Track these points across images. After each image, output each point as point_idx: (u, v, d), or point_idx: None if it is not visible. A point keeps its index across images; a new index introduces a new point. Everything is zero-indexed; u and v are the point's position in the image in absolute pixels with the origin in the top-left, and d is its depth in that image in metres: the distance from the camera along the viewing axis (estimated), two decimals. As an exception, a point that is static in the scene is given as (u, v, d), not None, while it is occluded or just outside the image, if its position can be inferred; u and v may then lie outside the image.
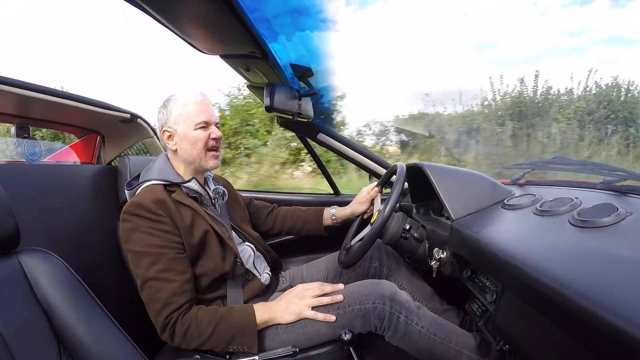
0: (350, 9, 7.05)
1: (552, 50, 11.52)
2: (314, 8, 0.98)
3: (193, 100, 0.97)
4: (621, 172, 0.80)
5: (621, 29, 12.33)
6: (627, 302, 0.40)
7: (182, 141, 0.97)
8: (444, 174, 0.98)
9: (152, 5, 0.75)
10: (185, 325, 0.83)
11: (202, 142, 0.97)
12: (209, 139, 0.98)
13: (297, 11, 0.96)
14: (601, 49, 11.33)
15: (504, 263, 0.61)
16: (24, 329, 0.60)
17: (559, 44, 11.46)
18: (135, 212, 0.88)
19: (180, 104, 0.97)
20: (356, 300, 0.89)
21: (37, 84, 1.01)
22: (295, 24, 1.01)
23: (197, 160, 0.98)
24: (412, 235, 1.08)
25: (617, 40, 11.67)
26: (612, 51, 11.07)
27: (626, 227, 0.56)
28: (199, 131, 0.96)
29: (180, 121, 0.96)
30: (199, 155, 0.97)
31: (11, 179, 0.94)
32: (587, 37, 11.97)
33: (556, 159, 1.09)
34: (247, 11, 0.77)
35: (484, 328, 0.87)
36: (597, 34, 12.08)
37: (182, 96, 0.98)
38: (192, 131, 0.96)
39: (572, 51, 11.31)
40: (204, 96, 0.99)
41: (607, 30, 11.79)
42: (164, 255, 0.85)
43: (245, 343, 0.84)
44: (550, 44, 11.86)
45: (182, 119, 0.96)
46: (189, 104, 0.97)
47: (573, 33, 12.51)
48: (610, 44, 11.57)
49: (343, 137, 1.55)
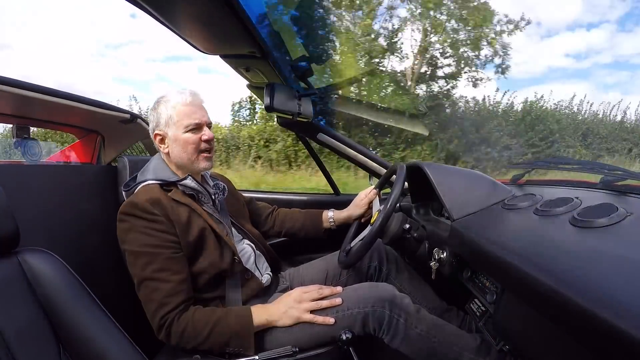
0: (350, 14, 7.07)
1: (556, 72, 11.62)
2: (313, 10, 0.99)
3: (182, 101, 0.95)
4: (621, 172, 0.80)
5: (627, 53, 12.44)
6: (627, 302, 0.40)
7: (173, 144, 0.96)
8: (444, 174, 0.97)
9: (153, 5, 0.75)
10: (181, 327, 0.82)
11: (193, 145, 0.95)
12: (201, 142, 0.96)
13: (297, 12, 0.96)
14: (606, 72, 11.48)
15: (504, 263, 0.61)
16: (24, 329, 0.60)
17: (564, 66, 11.58)
18: (131, 212, 0.88)
19: (170, 105, 0.94)
20: (355, 303, 0.89)
21: (37, 84, 1.01)
22: (295, 24, 1.01)
23: (188, 163, 0.97)
24: (412, 235, 1.07)
25: (622, 65, 11.76)
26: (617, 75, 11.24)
27: (626, 227, 0.56)
28: (189, 134, 0.94)
29: (170, 124, 0.94)
30: (190, 158, 0.96)
31: (11, 179, 0.94)
32: (591, 60, 12.07)
33: (556, 159, 1.09)
34: (247, 11, 0.77)
35: (484, 328, 0.87)
36: (602, 58, 12.16)
37: (171, 97, 0.95)
38: (183, 134, 0.94)
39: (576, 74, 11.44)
40: (194, 96, 0.97)
41: (611, 54, 11.91)
42: (160, 255, 0.85)
43: (241, 345, 0.84)
44: (554, 66, 11.96)
45: (172, 122, 0.94)
46: (179, 105, 0.94)
47: (578, 57, 12.64)
48: (615, 68, 11.68)
49: (343, 137, 1.55)
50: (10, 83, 0.94)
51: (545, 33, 11.67)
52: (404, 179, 1.03)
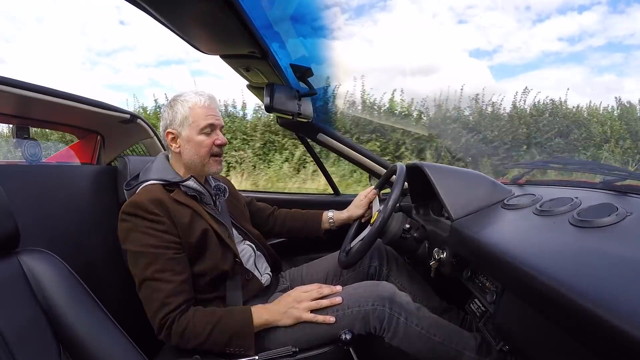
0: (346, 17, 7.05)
1: (550, 56, 11.56)
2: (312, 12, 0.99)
3: (201, 103, 0.95)
4: (621, 172, 0.80)
5: (620, 34, 12.41)
6: (627, 302, 0.40)
7: (186, 145, 0.96)
8: (444, 174, 0.98)
9: (153, 5, 0.75)
10: (182, 327, 0.82)
11: (206, 148, 0.96)
12: (213, 145, 0.97)
13: (297, 13, 0.97)
14: (600, 55, 11.39)
15: (504, 263, 0.61)
16: (24, 329, 0.60)
17: (557, 50, 11.52)
18: (133, 211, 0.88)
19: (187, 106, 0.95)
20: (355, 302, 0.89)
21: (37, 85, 1.01)
22: (295, 24, 1.01)
23: (199, 165, 0.98)
24: (412, 235, 1.08)
25: (616, 46, 11.72)
26: (611, 57, 11.17)
27: (626, 227, 0.56)
28: (203, 136, 0.95)
29: (185, 124, 0.95)
30: (202, 160, 0.97)
31: (11, 179, 0.94)
32: (585, 43, 11.96)
33: (556, 159, 1.09)
34: (247, 11, 0.77)
35: (484, 328, 0.87)
36: (595, 40, 12.15)
37: (189, 98, 0.96)
38: (197, 136, 0.95)
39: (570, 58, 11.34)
40: (212, 99, 0.98)
41: (604, 36, 11.85)
42: (161, 256, 0.85)
43: (242, 345, 0.84)
44: (548, 50, 11.93)
45: (188, 122, 0.95)
46: (196, 107, 0.95)
47: (571, 40, 12.52)
48: (609, 50, 11.61)
49: (343, 137, 1.55)
50: (10, 83, 0.94)
51: (536, 17, 11.67)
52: (404, 179, 1.03)
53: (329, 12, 1.02)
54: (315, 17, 1.00)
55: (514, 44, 12.71)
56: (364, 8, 6.99)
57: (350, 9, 6.98)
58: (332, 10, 1.02)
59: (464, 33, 10.29)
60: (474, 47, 7.36)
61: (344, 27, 4.44)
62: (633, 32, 10.64)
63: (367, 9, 7.13)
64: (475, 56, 8.24)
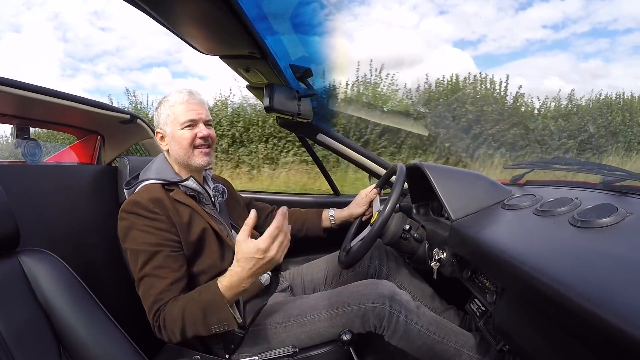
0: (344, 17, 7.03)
1: (535, 45, 11.46)
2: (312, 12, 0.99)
3: (179, 100, 0.98)
4: (621, 172, 0.80)
5: (603, 20, 12.39)
6: (627, 302, 0.40)
7: (171, 141, 0.99)
8: (444, 174, 0.98)
9: (152, 6, 0.75)
10: (163, 318, 0.80)
11: (187, 141, 0.97)
12: (196, 138, 0.98)
13: (296, 13, 0.97)
14: (584, 41, 11.32)
15: (504, 263, 0.61)
16: (24, 329, 0.60)
17: (542, 37, 11.43)
18: (132, 210, 0.88)
19: (168, 105, 0.99)
20: (355, 300, 0.89)
21: (37, 85, 1.01)
22: (295, 25, 1.01)
23: (185, 159, 0.98)
24: (412, 235, 1.07)
25: (600, 32, 11.65)
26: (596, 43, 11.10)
27: (626, 227, 0.56)
28: (184, 130, 0.97)
29: (168, 122, 0.98)
30: (186, 154, 0.98)
31: (11, 179, 0.94)
32: (569, 30, 11.88)
33: (556, 159, 1.09)
34: (247, 11, 0.77)
35: (483, 328, 0.87)
36: (579, 27, 12.04)
37: (171, 97, 1.00)
38: (179, 131, 0.97)
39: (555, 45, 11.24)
40: (191, 95, 1.00)
41: (588, 22, 11.79)
42: (159, 253, 0.85)
43: (221, 318, 0.78)
44: (533, 38, 11.85)
45: (170, 120, 0.98)
46: (176, 104, 0.98)
47: (555, 27, 12.42)
48: (593, 36, 11.53)
49: (343, 137, 1.55)
50: (10, 83, 0.94)
51: (519, 6, 11.68)
52: (404, 179, 1.03)
53: (314, 7, 1.02)
54: (300, 13, 1.00)
55: (497, 33, 12.70)
56: (343, 2, 6.94)
57: (330, 4, 6.98)
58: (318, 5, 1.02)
59: (446, 24, 10.28)
60: (457, 37, 7.38)
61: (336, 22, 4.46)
62: (616, 17, 10.60)
63: (347, 3, 7.09)
64: (459, 46, 8.24)
